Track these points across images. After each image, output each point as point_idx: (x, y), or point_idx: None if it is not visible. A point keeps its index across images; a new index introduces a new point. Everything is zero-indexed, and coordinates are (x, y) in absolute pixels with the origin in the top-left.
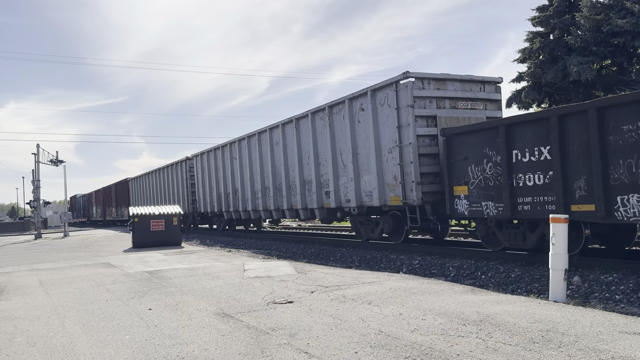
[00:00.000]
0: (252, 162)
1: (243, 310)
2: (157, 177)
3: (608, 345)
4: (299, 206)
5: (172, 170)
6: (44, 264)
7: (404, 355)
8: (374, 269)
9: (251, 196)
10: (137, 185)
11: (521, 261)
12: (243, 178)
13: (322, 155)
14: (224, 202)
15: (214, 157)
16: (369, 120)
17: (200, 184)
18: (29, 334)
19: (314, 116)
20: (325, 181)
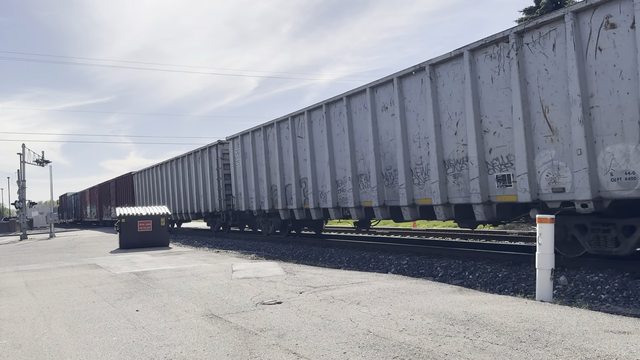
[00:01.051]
0: (334, 139)
1: (231, 311)
2: (174, 169)
3: (594, 344)
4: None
5: (196, 159)
6: (29, 265)
7: (392, 355)
8: (363, 270)
9: (331, 188)
10: (146, 180)
11: (508, 261)
12: (315, 162)
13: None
14: (280, 197)
15: (263, 138)
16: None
17: (239, 173)
18: (14, 335)
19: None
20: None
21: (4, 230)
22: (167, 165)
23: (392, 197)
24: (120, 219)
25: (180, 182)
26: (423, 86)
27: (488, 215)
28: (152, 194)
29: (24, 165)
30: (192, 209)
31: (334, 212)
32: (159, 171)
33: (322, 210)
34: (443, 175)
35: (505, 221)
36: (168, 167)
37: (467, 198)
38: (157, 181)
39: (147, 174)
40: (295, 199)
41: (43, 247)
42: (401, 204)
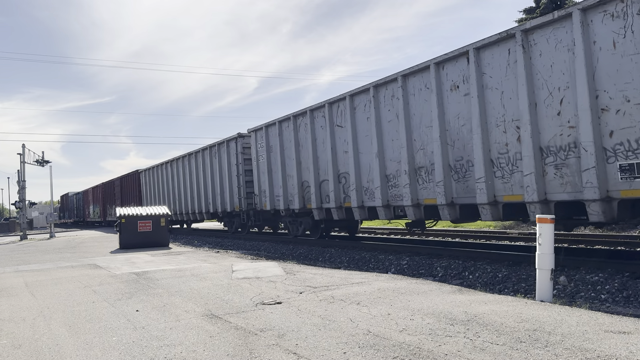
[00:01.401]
0: (384, 127)
1: (231, 311)
2: (186, 165)
3: (594, 345)
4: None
5: (212, 154)
6: (29, 265)
7: (392, 355)
8: (363, 270)
9: (381, 183)
10: (154, 178)
11: (508, 261)
12: (359, 155)
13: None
14: (314, 195)
15: (292, 129)
16: None
17: (263, 169)
18: (14, 336)
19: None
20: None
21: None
22: (179, 161)
23: (464, 193)
24: (120, 219)
25: (194, 180)
26: (511, 57)
27: (607, 214)
28: (160, 192)
29: (24, 166)
30: (206, 208)
31: (384, 211)
32: (169, 168)
33: (366, 210)
34: (540, 166)
35: (624, 221)
36: (179, 163)
37: (577, 194)
38: (166, 179)
39: (155, 172)
40: (334, 197)
41: (43, 247)
42: (478, 201)
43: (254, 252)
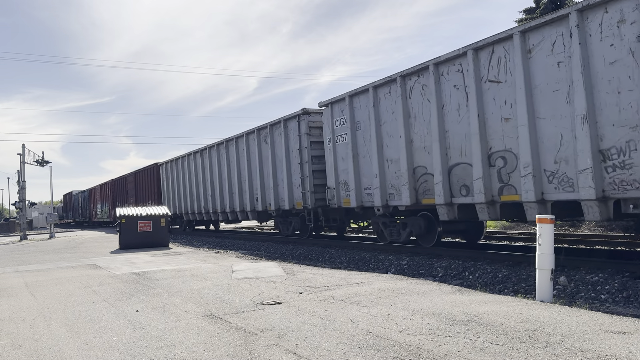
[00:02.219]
0: (599, 73)
1: (231, 311)
2: (222, 154)
3: (594, 345)
4: None
5: (260, 138)
6: (29, 265)
7: (392, 355)
8: (363, 270)
9: (592, 163)
10: (177, 171)
11: (508, 261)
12: (538, 122)
13: None
14: (440, 186)
15: (400, 95)
16: None
17: (344, 153)
18: (14, 336)
19: None
20: None
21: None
22: (212, 150)
23: None
24: (120, 220)
25: (233, 171)
26: None
27: None
28: (185, 188)
29: (24, 166)
30: (251, 205)
31: (596, 207)
32: (197, 159)
33: (548, 205)
34: None
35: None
36: (212, 152)
37: None
38: (194, 171)
39: (179, 164)
40: (482, 186)
41: (43, 247)
42: None
43: (254, 252)
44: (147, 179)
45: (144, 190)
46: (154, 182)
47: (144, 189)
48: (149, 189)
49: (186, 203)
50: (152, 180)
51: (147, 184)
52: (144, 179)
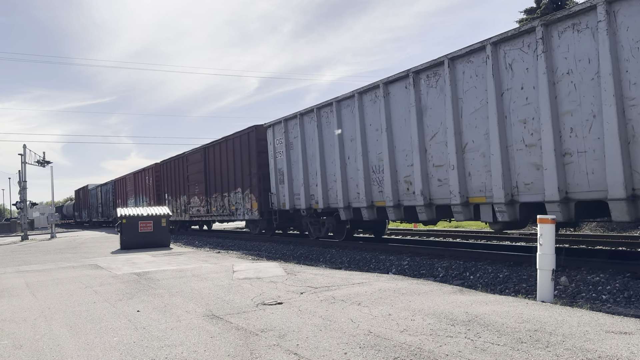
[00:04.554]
0: None
1: (232, 311)
2: (333, 120)
3: (595, 345)
4: None
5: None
6: (30, 265)
7: (393, 355)
8: (363, 270)
9: None
10: (300, 139)
11: (509, 261)
12: None
13: None
14: None
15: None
16: None
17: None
18: (15, 336)
19: None
20: None
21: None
22: (369, 94)
23: None
24: (121, 220)
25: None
26: None
27: None
28: (308, 166)
29: (25, 166)
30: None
31: None
32: (334, 112)
33: None
34: None
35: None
36: (368, 101)
37: None
38: (334, 139)
39: (302, 124)
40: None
41: (44, 247)
42: None
43: (254, 252)
44: (233, 153)
45: (224, 172)
46: (247, 156)
47: (224, 169)
48: (237, 169)
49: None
50: (244, 154)
51: (233, 161)
52: (224, 155)
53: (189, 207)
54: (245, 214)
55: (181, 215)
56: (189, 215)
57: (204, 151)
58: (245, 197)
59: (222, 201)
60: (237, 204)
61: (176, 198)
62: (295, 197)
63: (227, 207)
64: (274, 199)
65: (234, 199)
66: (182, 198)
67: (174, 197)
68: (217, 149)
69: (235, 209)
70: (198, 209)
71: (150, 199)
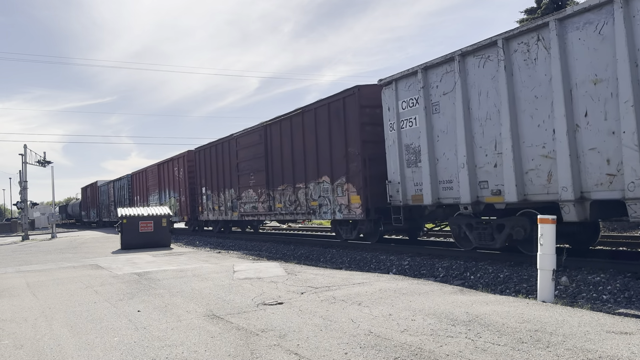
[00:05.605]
0: None
1: (233, 311)
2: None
3: (595, 345)
4: None
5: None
6: (31, 265)
7: (393, 355)
8: (364, 270)
9: None
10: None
11: (510, 262)
12: None
13: None
14: None
15: None
16: None
17: None
18: (15, 336)
19: None
20: None
21: (5, 231)
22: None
23: None
24: (122, 220)
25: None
26: None
27: None
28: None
29: (25, 166)
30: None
31: None
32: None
33: None
34: None
35: None
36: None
37: None
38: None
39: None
40: None
41: (45, 247)
42: None
43: (255, 252)
44: (323, 125)
45: (302, 155)
46: (341, 131)
47: (305, 151)
48: (320, 151)
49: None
50: (336, 129)
51: (315, 138)
52: (304, 131)
53: (240, 203)
54: (336, 211)
55: (226, 214)
56: (239, 214)
57: (264, 130)
58: (336, 189)
59: (294, 195)
60: (322, 198)
61: (218, 192)
62: (443, 186)
63: (302, 202)
64: (393, 189)
65: (316, 191)
66: (228, 192)
67: (215, 191)
68: (286, 125)
69: (317, 205)
70: (254, 205)
71: (181, 194)
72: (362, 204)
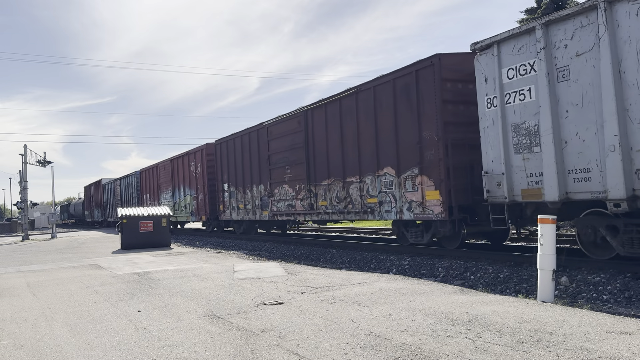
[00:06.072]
0: None
1: (233, 311)
2: None
3: (595, 345)
4: None
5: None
6: (31, 265)
7: (393, 355)
8: (364, 270)
9: None
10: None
11: (510, 262)
12: None
13: None
14: None
15: None
16: None
17: None
18: (15, 336)
19: None
20: None
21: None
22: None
23: None
24: (122, 220)
25: None
26: None
27: None
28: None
29: (25, 166)
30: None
31: None
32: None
33: None
34: None
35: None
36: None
37: None
38: None
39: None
40: None
41: (45, 247)
42: None
43: (255, 252)
44: (385, 106)
45: (355, 143)
46: (412, 111)
47: (359, 138)
48: (380, 137)
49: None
50: (403, 110)
51: (374, 122)
52: (358, 114)
53: (272, 201)
54: (403, 210)
55: (253, 213)
56: (271, 213)
57: (304, 116)
58: (404, 183)
59: (343, 191)
60: (384, 194)
61: (244, 189)
62: (574, 176)
63: (355, 199)
64: (491, 182)
65: (375, 186)
66: (256, 188)
67: (240, 188)
68: (334, 109)
69: (377, 202)
70: (290, 202)
71: (198, 191)
72: (443, 201)
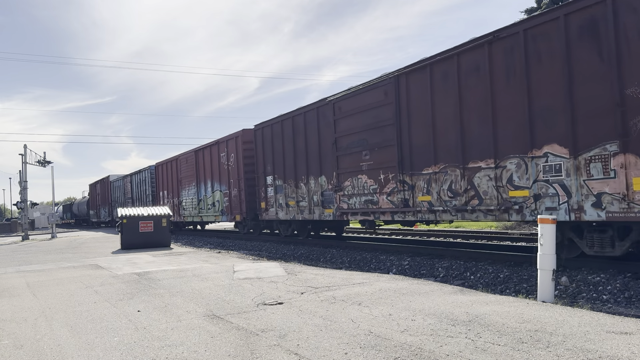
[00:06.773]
0: None
1: (233, 311)
2: None
3: (595, 345)
4: None
5: None
6: (31, 265)
7: (393, 355)
8: (364, 270)
9: None
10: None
11: (510, 262)
12: None
13: None
14: None
15: None
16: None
17: None
18: (15, 336)
19: None
20: None
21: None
22: None
23: None
24: (122, 220)
25: None
26: None
27: None
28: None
29: (25, 166)
30: None
31: None
32: None
33: None
34: None
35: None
36: None
37: None
38: None
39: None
40: None
41: (45, 247)
42: None
43: (255, 252)
44: (542, 57)
45: (481, 116)
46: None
47: (495, 111)
48: (534, 105)
49: None
50: (581, 65)
51: (527, 86)
52: (493, 77)
53: (340, 196)
54: (583, 205)
55: (310, 211)
56: (339, 211)
57: (394, 84)
58: (589, 166)
59: (463, 180)
60: (541, 184)
61: (296, 182)
62: None
63: (487, 192)
64: None
65: (525, 172)
66: (315, 181)
67: (290, 181)
68: (442, 70)
69: (529, 196)
70: (370, 197)
71: (231, 186)
72: None
